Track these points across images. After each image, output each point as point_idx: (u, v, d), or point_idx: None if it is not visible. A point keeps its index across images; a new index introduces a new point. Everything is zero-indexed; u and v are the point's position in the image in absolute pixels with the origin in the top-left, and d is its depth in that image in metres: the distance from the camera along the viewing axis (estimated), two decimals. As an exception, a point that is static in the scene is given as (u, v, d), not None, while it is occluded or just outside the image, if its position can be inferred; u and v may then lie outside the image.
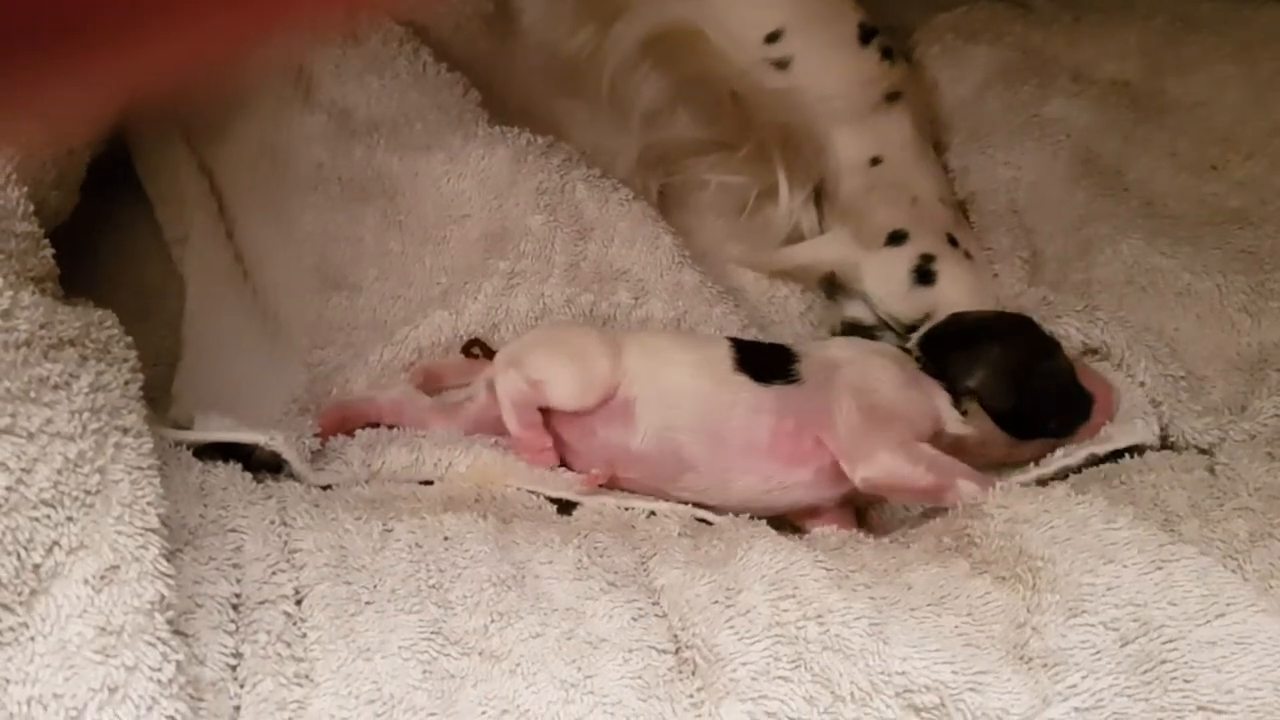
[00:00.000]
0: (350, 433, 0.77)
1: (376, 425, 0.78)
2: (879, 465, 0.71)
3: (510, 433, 0.75)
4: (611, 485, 0.75)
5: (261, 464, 0.71)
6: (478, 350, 0.79)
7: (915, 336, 0.79)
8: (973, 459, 0.74)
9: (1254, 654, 0.55)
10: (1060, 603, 0.58)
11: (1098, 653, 0.56)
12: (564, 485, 0.73)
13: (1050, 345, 0.77)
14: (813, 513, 0.76)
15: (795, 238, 0.93)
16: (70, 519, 0.52)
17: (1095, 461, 0.75)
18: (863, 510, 0.78)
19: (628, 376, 0.74)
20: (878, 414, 0.73)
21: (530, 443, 0.74)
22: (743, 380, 0.74)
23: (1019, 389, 0.74)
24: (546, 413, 0.75)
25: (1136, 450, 0.75)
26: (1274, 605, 0.59)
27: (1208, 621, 0.57)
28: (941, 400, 0.75)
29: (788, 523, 0.75)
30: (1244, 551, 0.63)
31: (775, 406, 0.73)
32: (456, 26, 1.11)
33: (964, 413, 0.74)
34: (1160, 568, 0.59)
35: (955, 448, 0.74)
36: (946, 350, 0.76)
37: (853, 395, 0.73)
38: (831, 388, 0.73)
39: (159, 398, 0.76)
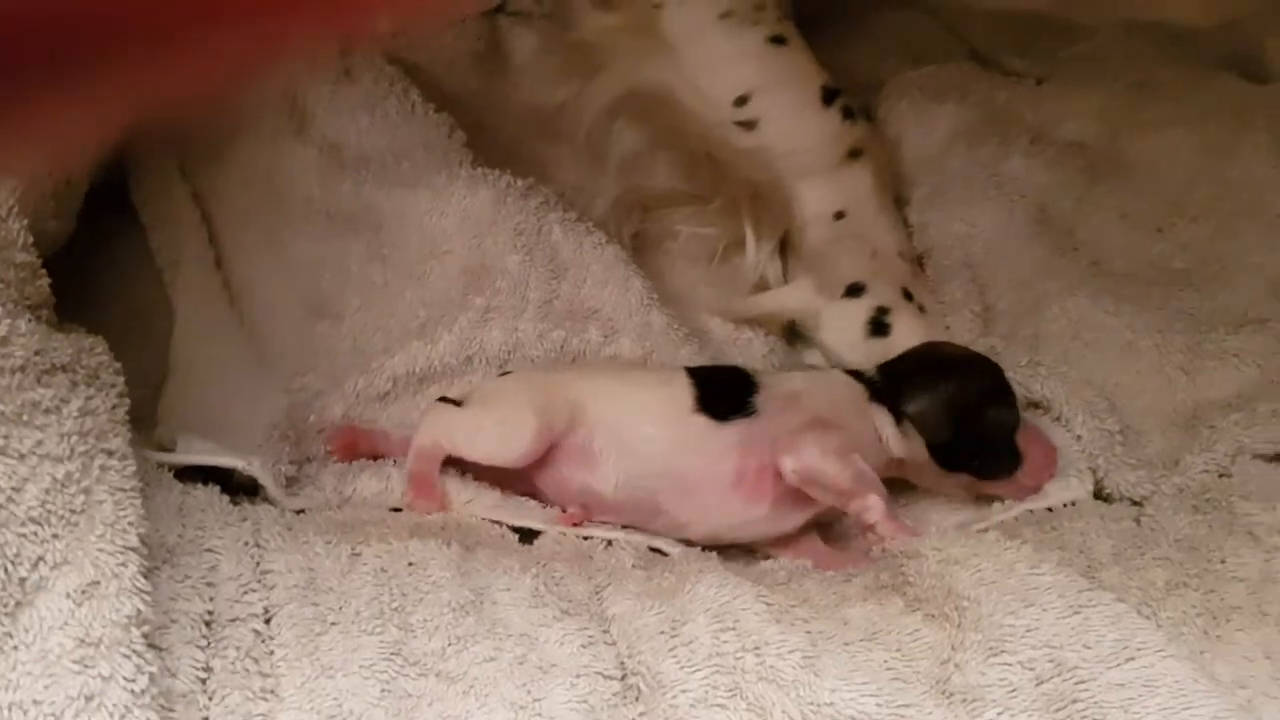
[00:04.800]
0: (353, 457, 0.81)
1: (377, 458, 0.81)
2: (805, 457, 0.75)
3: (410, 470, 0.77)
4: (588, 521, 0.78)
5: (239, 486, 0.74)
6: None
7: (881, 363, 0.83)
8: (910, 480, 0.80)
9: (1160, 696, 0.59)
10: (982, 642, 0.62)
11: (1014, 690, 0.60)
12: (524, 515, 0.77)
13: (1001, 394, 0.81)
14: (782, 542, 0.79)
15: (762, 286, 0.98)
16: (56, 536, 0.55)
17: (1031, 509, 0.79)
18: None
19: (593, 425, 0.77)
20: (819, 423, 0.77)
21: (415, 483, 0.77)
22: (703, 421, 0.77)
23: (953, 425, 0.78)
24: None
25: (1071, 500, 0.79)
26: (1183, 651, 0.63)
27: (1118, 664, 0.61)
28: (886, 424, 0.79)
29: (742, 555, 0.79)
30: (1159, 599, 0.67)
31: (736, 444, 0.77)
32: (449, 64, 1.16)
33: (903, 433, 0.79)
34: (1078, 612, 0.63)
35: (893, 467, 0.80)
36: (905, 373, 0.81)
37: (804, 412, 0.77)
38: (789, 416, 0.77)
39: (145, 417, 0.80)
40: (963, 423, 0.79)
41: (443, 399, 0.82)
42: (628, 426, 0.77)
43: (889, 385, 0.80)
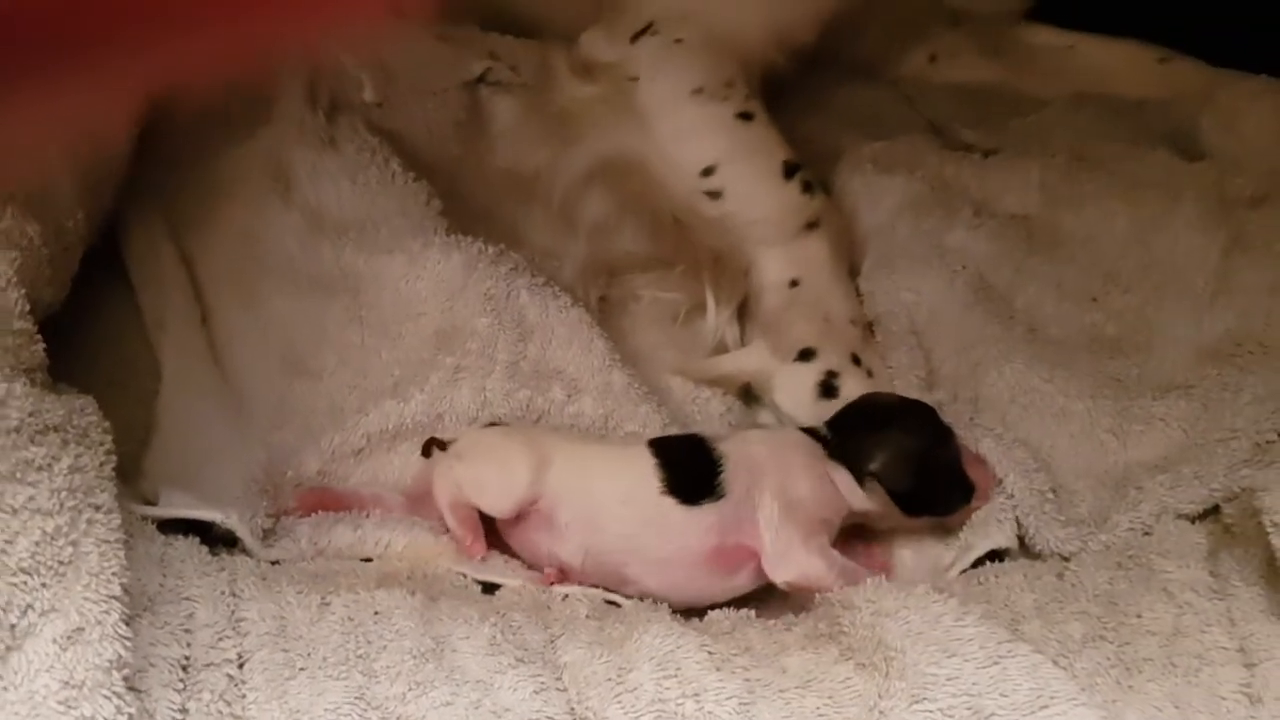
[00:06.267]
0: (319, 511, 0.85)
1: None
2: (798, 570, 0.80)
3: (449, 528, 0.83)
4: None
5: (218, 538, 0.79)
6: (436, 447, 0.86)
7: (826, 420, 0.89)
8: (872, 525, 0.86)
9: (1070, 742, 0.64)
10: (906, 689, 0.66)
11: (934, 736, 0.65)
12: (488, 569, 0.81)
13: (944, 434, 0.87)
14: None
15: (721, 348, 1.03)
16: (44, 585, 0.60)
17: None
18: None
19: (558, 498, 0.81)
20: (798, 515, 0.82)
21: (462, 538, 0.82)
22: (671, 504, 0.81)
23: (914, 474, 0.84)
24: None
25: (999, 555, 0.84)
26: (1096, 700, 0.68)
27: (1033, 712, 0.65)
28: (847, 484, 0.84)
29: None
30: (1076, 651, 0.72)
31: (710, 526, 0.81)
32: (430, 132, 1.22)
33: (866, 490, 0.84)
34: (997, 663, 0.68)
35: (855, 516, 0.85)
36: (853, 432, 0.86)
37: (774, 495, 0.82)
38: (754, 492, 0.82)
39: (131, 470, 0.84)
40: (922, 470, 0.84)
41: (434, 440, 0.86)
42: (593, 503, 0.81)
43: (841, 443, 0.86)
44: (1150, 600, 0.76)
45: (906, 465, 0.83)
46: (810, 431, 0.88)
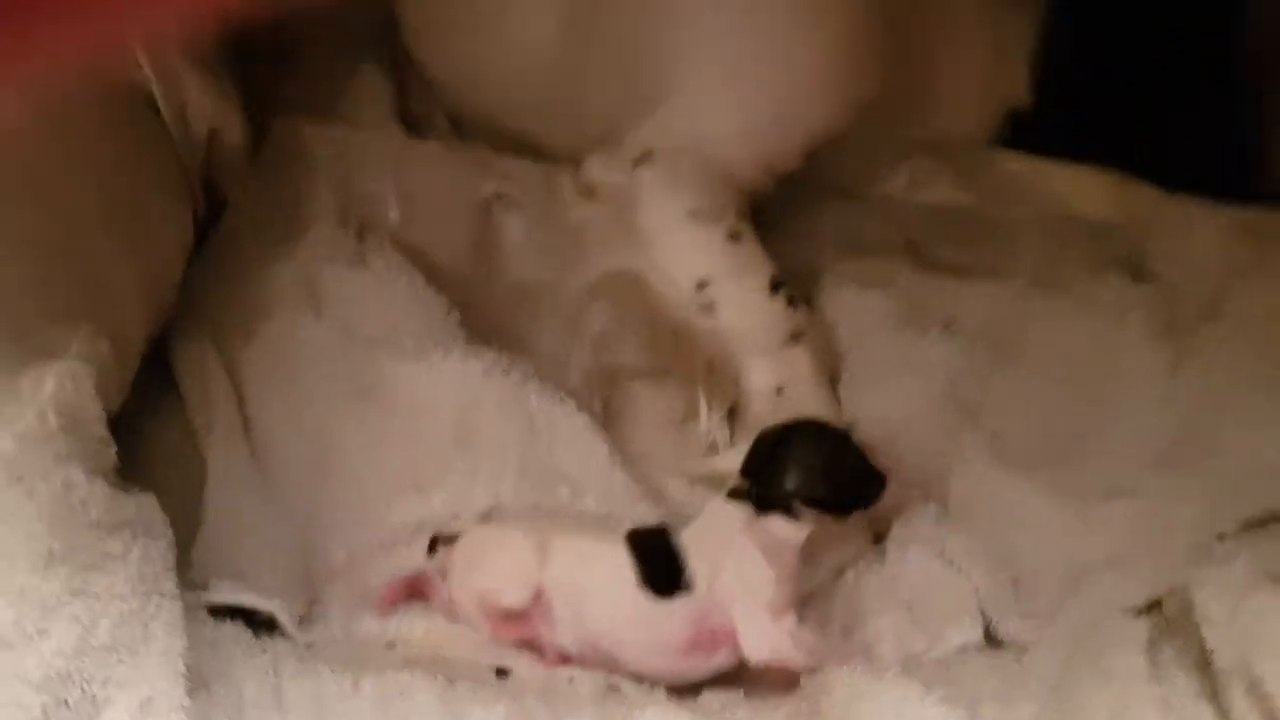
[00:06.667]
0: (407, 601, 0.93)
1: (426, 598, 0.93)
2: (770, 649, 0.86)
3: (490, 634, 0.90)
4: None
5: (260, 623, 0.87)
6: (440, 545, 0.94)
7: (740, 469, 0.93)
8: (821, 545, 0.93)
9: (1019, 814, 0.72)
10: (870, 765, 0.75)
11: (897, 806, 0.73)
12: (499, 654, 0.90)
13: (839, 435, 0.93)
14: None
15: (713, 450, 1.13)
16: (120, 661, 0.69)
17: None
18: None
19: (554, 587, 0.88)
20: (760, 597, 0.87)
21: (505, 635, 0.89)
22: (646, 597, 0.87)
23: (826, 478, 0.89)
24: None
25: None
26: (1043, 777, 0.76)
27: (985, 787, 0.74)
28: (784, 528, 0.88)
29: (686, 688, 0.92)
30: (1027, 731, 0.80)
31: (684, 617, 0.87)
32: (447, 248, 1.33)
33: (797, 517, 0.88)
34: (955, 740, 0.76)
35: (806, 548, 0.90)
36: (761, 473, 0.90)
37: (735, 581, 0.87)
38: (715, 583, 0.87)
39: (180, 559, 0.93)
40: (831, 472, 0.89)
41: (438, 537, 0.94)
42: (581, 594, 0.88)
43: (759, 491, 0.90)
44: (1096, 685, 0.84)
45: (815, 473, 0.88)
46: (735, 493, 0.92)
